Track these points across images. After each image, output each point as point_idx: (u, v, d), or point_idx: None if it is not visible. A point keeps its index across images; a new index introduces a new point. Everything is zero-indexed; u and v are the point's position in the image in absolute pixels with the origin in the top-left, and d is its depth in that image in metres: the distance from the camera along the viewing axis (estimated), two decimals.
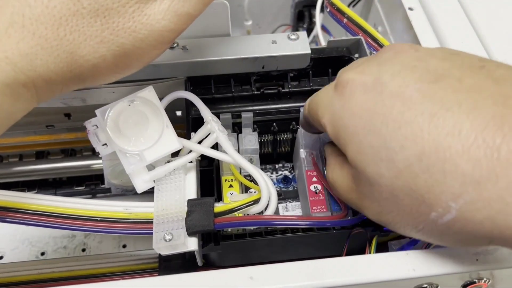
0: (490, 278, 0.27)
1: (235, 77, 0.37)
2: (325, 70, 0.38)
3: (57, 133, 0.43)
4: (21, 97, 0.24)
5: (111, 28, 0.25)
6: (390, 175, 0.22)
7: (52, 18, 0.24)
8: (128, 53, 0.26)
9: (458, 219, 0.20)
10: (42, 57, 0.24)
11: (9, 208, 0.28)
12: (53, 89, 0.25)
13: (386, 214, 0.24)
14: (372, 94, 0.23)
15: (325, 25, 0.49)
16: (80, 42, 0.24)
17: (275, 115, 0.37)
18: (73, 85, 0.26)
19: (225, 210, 0.28)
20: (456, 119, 0.20)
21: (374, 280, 0.25)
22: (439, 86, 0.22)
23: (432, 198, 0.21)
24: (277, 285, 0.25)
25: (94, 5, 0.24)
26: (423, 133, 0.21)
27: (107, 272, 0.37)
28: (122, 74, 0.27)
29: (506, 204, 0.19)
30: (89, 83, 0.26)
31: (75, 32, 0.24)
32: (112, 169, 0.34)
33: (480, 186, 0.19)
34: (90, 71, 0.25)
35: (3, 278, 0.36)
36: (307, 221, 0.29)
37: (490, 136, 0.19)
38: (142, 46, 0.26)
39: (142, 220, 0.28)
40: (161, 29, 0.26)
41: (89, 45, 0.24)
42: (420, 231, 0.23)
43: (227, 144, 0.31)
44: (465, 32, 0.40)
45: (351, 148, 0.24)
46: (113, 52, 0.25)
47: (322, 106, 0.27)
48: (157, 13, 0.25)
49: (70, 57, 0.24)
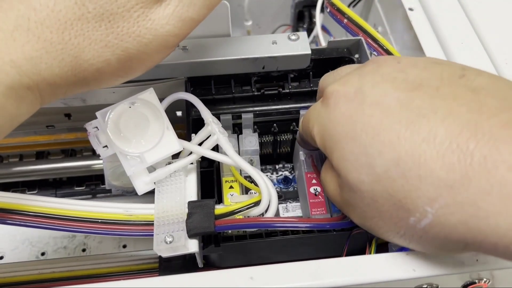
0: (490, 278, 0.27)
1: (235, 78, 0.37)
2: (326, 70, 0.37)
3: (57, 133, 0.43)
4: (25, 100, 0.24)
5: (115, 33, 0.25)
6: (369, 180, 0.22)
7: (57, 22, 0.24)
8: (132, 58, 0.26)
9: (434, 224, 0.21)
10: (47, 61, 0.24)
11: (10, 210, 0.28)
12: (57, 92, 0.25)
13: (369, 219, 0.24)
14: (354, 104, 0.24)
15: (325, 26, 0.49)
16: (85, 46, 0.24)
17: (275, 116, 0.37)
18: (77, 89, 0.26)
19: (225, 212, 0.28)
20: (432, 126, 0.21)
21: (374, 281, 0.26)
22: (417, 94, 0.22)
23: (409, 203, 0.21)
24: (278, 285, 0.25)
25: (99, 10, 0.24)
26: (399, 139, 0.21)
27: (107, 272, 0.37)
28: (125, 78, 0.27)
29: (478, 208, 0.19)
30: (93, 87, 0.27)
31: (80, 36, 0.24)
32: (113, 171, 0.34)
33: (454, 191, 0.19)
34: (94, 75, 0.25)
35: (3, 278, 0.36)
36: (307, 223, 0.29)
37: (464, 141, 0.19)
38: (146, 50, 0.26)
39: (142, 222, 0.29)
40: (165, 34, 0.26)
41: (94, 49, 0.24)
42: (402, 236, 0.23)
43: (227, 146, 0.31)
44: (465, 32, 0.40)
45: (335, 155, 0.25)
46: (117, 56, 0.25)
47: (312, 119, 0.28)
48: (162, 18, 0.26)
49: (74, 61, 0.24)
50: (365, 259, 0.27)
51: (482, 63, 0.38)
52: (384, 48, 0.36)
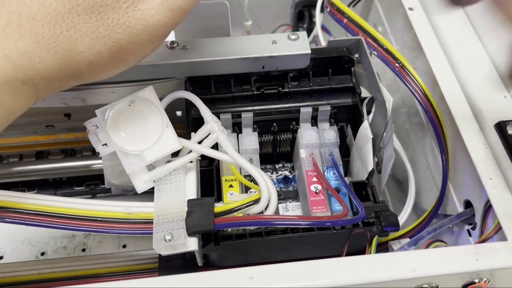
0: (490, 278, 0.27)
1: (235, 77, 0.37)
2: (325, 70, 0.38)
3: (57, 133, 0.43)
4: (20, 94, 0.24)
5: (106, 24, 0.25)
6: None
7: (48, 15, 0.24)
8: (124, 49, 0.26)
9: None
10: (40, 55, 0.24)
11: (9, 208, 0.28)
12: (52, 86, 0.26)
13: None
14: None
15: (325, 25, 0.49)
16: (77, 39, 0.25)
17: (275, 115, 0.37)
18: (71, 82, 0.26)
19: (225, 210, 0.28)
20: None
21: (374, 280, 0.25)
22: None
23: None
24: (277, 285, 0.25)
25: (89, 2, 0.25)
26: None
27: (107, 272, 0.37)
28: (118, 70, 0.28)
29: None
30: (86, 79, 0.27)
31: (71, 29, 0.24)
32: (112, 169, 0.34)
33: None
34: (87, 67, 0.26)
35: (3, 278, 0.36)
36: (307, 220, 0.29)
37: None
38: (137, 41, 0.26)
39: (142, 220, 0.29)
40: (155, 24, 0.26)
41: (86, 41, 0.25)
42: None
43: (227, 144, 0.31)
44: (465, 32, 0.40)
45: None
46: (109, 48, 0.25)
47: None
48: (151, 8, 0.26)
49: (67, 54, 0.25)
50: (365, 258, 0.27)
51: (482, 63, 0.38)
52: (384, 48, 0.36)
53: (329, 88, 0.38)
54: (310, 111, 0.37)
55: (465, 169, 0.33)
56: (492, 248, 0.27)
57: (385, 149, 0.35)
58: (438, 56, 0.38)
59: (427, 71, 0.37)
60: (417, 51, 0.39)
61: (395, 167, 0.44)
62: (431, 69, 0.37)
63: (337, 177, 0.34)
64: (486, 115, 0.34)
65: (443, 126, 0.34)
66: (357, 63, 0.38)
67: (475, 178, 0.31)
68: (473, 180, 0.32)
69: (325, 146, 0.36)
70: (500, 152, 0.32)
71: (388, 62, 0.35)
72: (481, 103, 0.35)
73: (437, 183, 0.37)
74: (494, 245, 0.27)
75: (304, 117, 0.37)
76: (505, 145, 0.32)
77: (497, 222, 0.28)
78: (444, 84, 0.35)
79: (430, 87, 0.35)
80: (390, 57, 0.35)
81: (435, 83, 0.36)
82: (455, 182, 0.35)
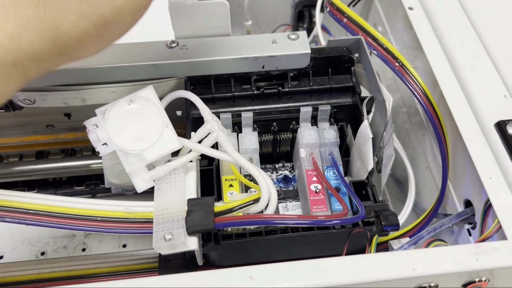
0: (490, 278, 0.27)
1: (235, 77, 0.37)
2: (325, 69, 0.38)
3: (57, 133, 0.43)
4: (11, 77, 0.24)
5: (88, 1, 0.25)
6: None
7: None
8: (108, 23, 0.26)
9: None
10: (27, 37, 0.24)
11: (9, 207, 0.28)
12: (41, 67, 0.26)
13: None
14: None
15: (325, 25, 0.49)
16: (61, 18, 0.25)
17: (275, 114, 0.37)
18: (60, 61, 0.27)
19: (225, 210, 0.28)
20: None
21: (374, 280, 0.25)
22: None
23: None
24: (277, 285, 0.25)
25: None
26: None
27: (107, 272, 0.37)
28: (105, 44, 0.28)
29: None
30: (75, 57, 0.27)
31: (55, 9, 0.25)
32: (112, 168, 0.34)
33: None
34: (75, 46, 0.26)
35: (3, 278, 0.36)
36: (307, 220, 0.29)
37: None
38: (121, 14, 0.26)
39: (142, 220, 0.28)
40: None
41: (71, 20, 0.25)
42: None
43: (227, 143, 0.31)
44: (465, 32, 0.40)
45: None
46: (94, 24, 0.26)
47: None
48: None
49: (53, 34, 0.25)
50: (365, 258, 0.27)
51: (482, 63, 0.38)
52: (384, 47, 0.36)
53: (329, 87, 0.38)
54: (310, 111, 0.37)
55: (465, 168, 0.33)
56: (492, 247, 0.27)
57: (385, 149, 0.35)
58: (438, 56, 0.38)
59: (427, 70, 0.37)
60: (417, 50, 0.39)
61: (395, 167, 0.44)
62: (431, 68, 0.37)
63: (337, 177, 0.34)
64: (486, 114, 0.34)
65: (443, 126, 0.34)
66: (357, 62, 0.38)
67: (475, 177, 0.31)
68: (473, 180, 0.32)
69: (325, 146, 0.36)
70: (500, 152, 0.32)
71: (388, 61, 0.35)
72: (481, 103, 0.35)
73: (437, 182, 0.37)
74: (494, 244, 0.27)
75: (304, 117, 0.37)
76: (505, 144, 0.32)
77: (497, 221, 0.28)
78: (444, 84, 0.35)
79: (430, 87, 0.35)
80: (390, 57, 0.35)
81: (435, 83, 0.36)
82: (455, 181, 0.35)
